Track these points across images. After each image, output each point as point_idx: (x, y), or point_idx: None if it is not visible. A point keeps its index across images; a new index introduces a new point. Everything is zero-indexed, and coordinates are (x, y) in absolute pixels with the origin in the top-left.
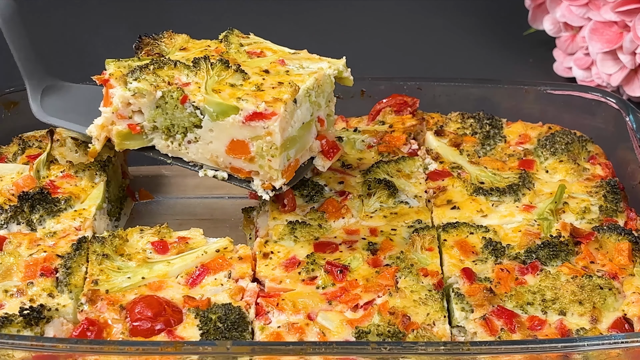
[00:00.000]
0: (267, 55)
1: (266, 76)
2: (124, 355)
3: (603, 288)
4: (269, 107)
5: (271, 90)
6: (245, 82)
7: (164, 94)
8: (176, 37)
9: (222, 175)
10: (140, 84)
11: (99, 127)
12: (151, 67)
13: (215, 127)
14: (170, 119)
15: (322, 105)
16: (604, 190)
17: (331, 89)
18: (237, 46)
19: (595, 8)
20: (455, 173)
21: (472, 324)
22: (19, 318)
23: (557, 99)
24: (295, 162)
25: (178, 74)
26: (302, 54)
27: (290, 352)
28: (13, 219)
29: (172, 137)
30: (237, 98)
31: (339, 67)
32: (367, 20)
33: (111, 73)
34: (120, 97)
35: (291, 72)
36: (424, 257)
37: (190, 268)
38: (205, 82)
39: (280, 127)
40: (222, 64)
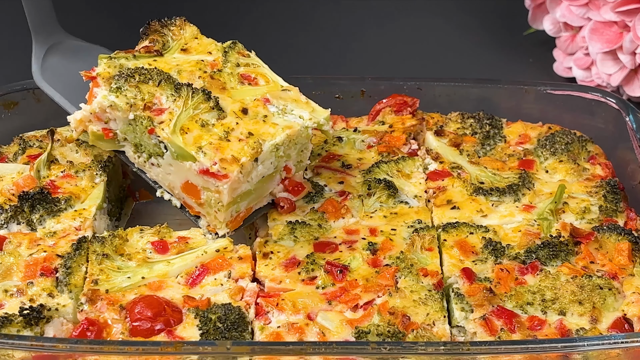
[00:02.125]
0: (259, 83)
1: (241, 119)
2: (124, 355)
3: (603, 288)
4: (222, 169)
5: (236, 144)
6: (217, 123)
7: (136, 118)
8: (186, 28)
9: (176, 203)
10: (118, 99)
11: (77, 121)
12: (136, 79)
13: (174, 164)
14: (139, 139)
15: (293, 155)
16: (604, 190)
17: (307, 140)
18: (233, 66)
19: (595, 8)
20: (455, 173)
21: (472, 324)
22: (19, 318)
23: (557, 99)
24: (246, 211)
25: (160, 93)
26: (291, 93)
27: (290, 352)
28: (13, 218)
29: (139, 153)
30: (198, 147)
31: (319, 120)
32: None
33: (99, 72)
34: (98, 104)
35: (269, 119)
36: (423, 257)
37: (190, 268)
38: (178, 115)
39: (231, 188)
40: (204, 95)
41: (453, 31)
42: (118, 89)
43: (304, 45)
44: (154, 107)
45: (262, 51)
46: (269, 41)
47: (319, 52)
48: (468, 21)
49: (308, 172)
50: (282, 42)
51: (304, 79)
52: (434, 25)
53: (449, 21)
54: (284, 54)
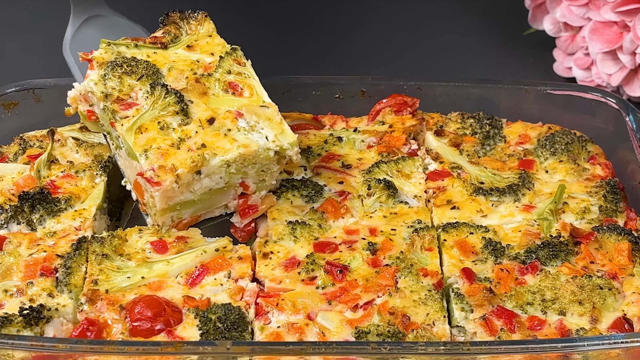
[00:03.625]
0: (243, 95)
1: (203, 129)
2: (124, 355)
3: (603, 288)
4: (157, 177)
5: (183, 154)
6: (177, 128)
7: (104, 108)
8: (204, 25)
9: (134, 196)
10: (96, 87)
11: (71, 98)
12: (122, 69)
13: (127, 160)
14: (107, 128)
15: (251, 173)
16: (604, 191)
17: (268, 161)
18: (224, 72)
19: (595, 8)
20: (455, 173)
21: (472, 324)
22: (19, 318)
23: (557, 99)
24: (192, 219)
25: (138, 87)
26: (268, 111)
27: (290, 352)
28: (13, 218)
29: (111, 140)
30: (144, 150)
31: (283, 144)
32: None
33: (94, 56)
34: (83, 86)
35: (230, 133)
36: (423, 257)
37: (190, 268)
38: (142, 114)
39: (164, 196)
40: (176, 97)
41: (453, 31)
42: (103, 77)
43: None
44: (128, 100)
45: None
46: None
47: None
48: (468, 21)
49: (308, 172)
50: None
51: (303, 79)
52: (434, 26)
53: (449, 21)
54: (284, 54)
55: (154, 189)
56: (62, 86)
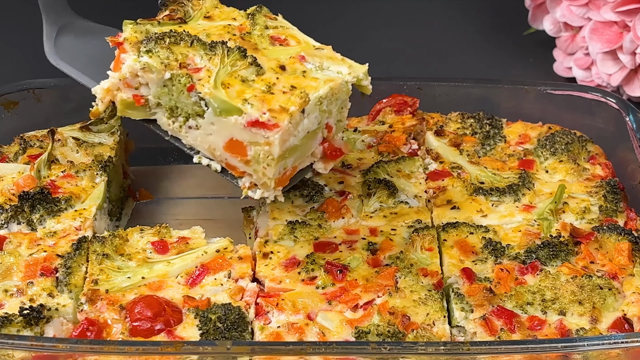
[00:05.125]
0: (290, 44)
1: (281, 74)
2: (124, 355)
3: (603, 288)
4: (273, 118)
5: (281, 96)
6: (258, 78)
7: (173, 77)
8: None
9: (216, 167)
10: (151, 59)
11: (104, 91)
12: (167, 41)
13: (217, 122)
14: (175, 101)
15: (334, 112)
16: (604, 191)
17: (346, 96)
18: (262, 28)
19: (595, 8)
20: (455, 173)
21: (472, 324)
22: (19, 318)
23: (557, 99)
24: (292, 170)
25: (193, 54)
26: (325, 51)
27: (290, 352)
28: (13, 218)
29: (174, 117)
30: (243, 99)
31: (359, 74)
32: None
33: (126, 37)
34: (129, 67)
35: (308, 73)
36: (423, 257)
37: (190, 268)
38: (217, 72)
39: (281, 139)
40: (239, 52)
41: (453, 31)
42: (149, 52)
43: None
44: (189, 66)
45: None
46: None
47: None
48: (468, 21)
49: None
50: None
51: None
52: (434, 25)
53: (449, 21)
54: None
55: (273, 132)
56: (62, 86)
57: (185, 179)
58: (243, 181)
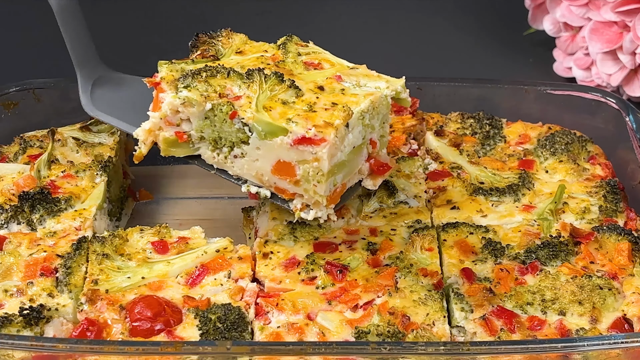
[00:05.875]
0: (324, 67)
1: (320, 94)
2: (124, 355)
3: (603, 288)
4: (319, 133)
5: (323, 113)
6: (298, 100)
7: (214, 107)
8: (234, 37)
9: (265, 193)
10: (191, 93)
11: (146, 132)
12: (204, 75)
13: (263, 145)
14: (218, 132)
15: (376, 127)
16: (604, 191)
17: (387, 110)
18: (295, 55)
19: (595, 8)
20: (455, 173)
21: (472, 324)
22: (19, 318)
23: (557, 99)
24: (342, 187)
25: (231, 84)
26: (360, 70)
27: (290, 352)
28: (13, 218)
29: (218, 149)
30: (287, 119)
31: (397, 87)
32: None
33: (163, 77)
34: (169, 104)
35: (347, 90)
36: (423, 257)
37: (190, 268)
38: (257, 97)
39: (329, 153)
40: (277, 77)
41: (453, 31)
42: (187, 87)
43: None
44: (229, 96)
45: None
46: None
47: None
48: (468, 21)
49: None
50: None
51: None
52: (434, 26)
53: (449, 21)
54: None
55: (320, 147)
56: (62, 86)
57: (185, 179)
58: (294, 203)
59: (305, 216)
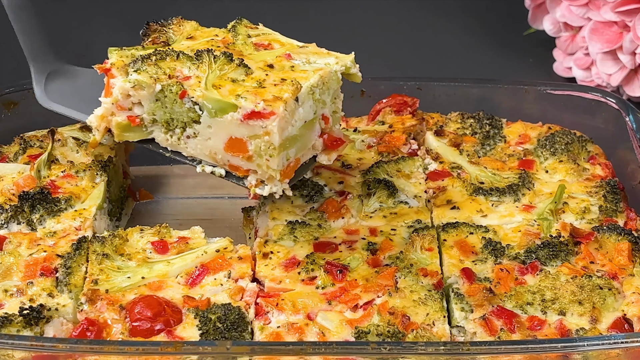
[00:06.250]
0: (274, 47)
1: (270, 71)
2: (124, 355)
3: (603, 288)
4: (268, 107)
5: (273, 88)
6: (247, 78)
7: (164, 88)
8: (185, 24)
9: (220, 172)
10: (140, 75)
11: (98, 118)
12: (153, 58)
13: (214, 123)
14: (169, 113)
15: (327, 102)
16: (604, 191)
17: (338, 86)
18: (245, 37)
19: (595, 8)
20: (455, 173)
21: (472, 324)
22: (19, 318)
23: (557, 99)
24: (295, 162)
25: (180, 66)
26: (310, 48)
27: (290, 352)
28: (13, 218)
29: (171, 131)
30: (236, 95)
31: (346, 63)
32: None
33: (113, 62)
34: (120, 89)
35: (296, 67)
36: (423, 257)
37: (190, 268)
38: (207, 76)
39: (279, 127)
40: (226, 57)
41: (453, 31)
42: (137, 70)
43: None
44: (178, 77)
45: None
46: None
47: None
48: (468, 21)
49: (308, 172)
50: None
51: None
52: (434, 25)
53: (448, 21)
54: None
55: (270, 120)
56: None
57: (185, 178)
58: (249, 180)
59: (260, 192)
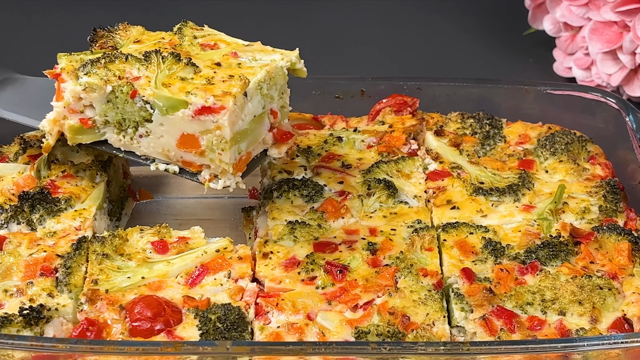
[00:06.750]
0: (220, 47)
1: (217, 69)
2: (124, 355)
3: (603, 288)
4: (218, 101)
5: (221, 84)
6: (196, 76)
7: (114, 89)
8: (131, 29)
9: (174, 169)
10: (91, 78)
11: (51, 122)
12: (102, 61)
13: (166, 121)
14: (121, 113)
15: (275, 97)
16: (604, 191)
17: (284, 81)
18: (191, 38)
19: (595, 8)
20: (455, 173)
21: (472, 324)
22: (19, 318)
23: (557, 99)
24: (247, 155)
25: (129, 68)
26: (255, 46)
27: (290, 352)
28: (13, 218)
29: (123, 131)
30: (186, 92)
31: (291, 58)
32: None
33: (63, 67)
34: (71, 92)
35: (243, 64)
36: (423, 257)
37: (190, 268)
38: (156, 76)
39: (230, 120)
40: (174, 57)
41: (453, 31)
42: (87, 74)
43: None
44: (128, 78)
45: None
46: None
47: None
48: (468, 21)
49: (308, 172)
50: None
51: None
52: (434, 25)
53: (449, 21)
54: None
55: (221, 114)
56: None
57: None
58: (202, 175)
59: (214, 186)
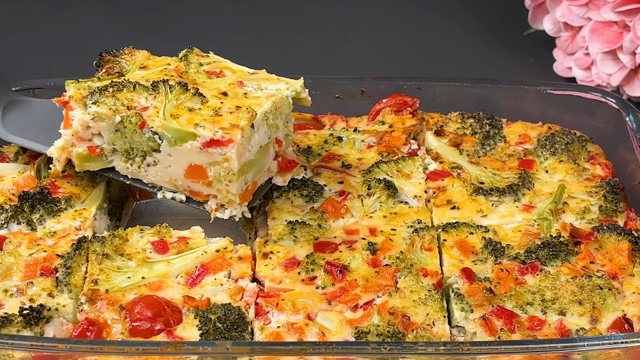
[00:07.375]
0: (226, 75)
1: (224, 99)
2: (124, 355)
3: (603, 288)
4: (226, 134)
5: (229, 116)
6: (203, 106)
7: (123, 119)
8: (137, 54)
9: (180, 198)
10: (100, 108)
11: (59, 149)
12: (110, 90)
13: (174, 152)
14: (129, 143)
15: (280, 126)
16: (604, 191)
17: (289, 110)
18: (197, 66)
19: (595, 8)
20: (455, 173)
21: (472, 324)
22: (19, 318)
23: (557, 99)
24: (253, 185)
25: (137, 97)
26: (260, 75)
27: (290, 352)
28: (13, 218)
29: (131, 159)
30: (194, 124)
31: (296, 88)
32: (367, 20)
33: (71, 95)
34: (79, 121)
35: (249, 94)
36: (423, 257)
37: (190, 268)
38: (164, 106)
39: (238, 153)
40: (181, 87)
41: (453, 31)
42: (95, 102)
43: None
44: (137, 108)
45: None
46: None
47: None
48: (468, 21)
49: (308, 172)
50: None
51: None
52: (434, 25)
53: (449, 21)
54: (284, 54)
55: (229, 147)
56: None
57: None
58: (209, 204)
59: (221, 215)
